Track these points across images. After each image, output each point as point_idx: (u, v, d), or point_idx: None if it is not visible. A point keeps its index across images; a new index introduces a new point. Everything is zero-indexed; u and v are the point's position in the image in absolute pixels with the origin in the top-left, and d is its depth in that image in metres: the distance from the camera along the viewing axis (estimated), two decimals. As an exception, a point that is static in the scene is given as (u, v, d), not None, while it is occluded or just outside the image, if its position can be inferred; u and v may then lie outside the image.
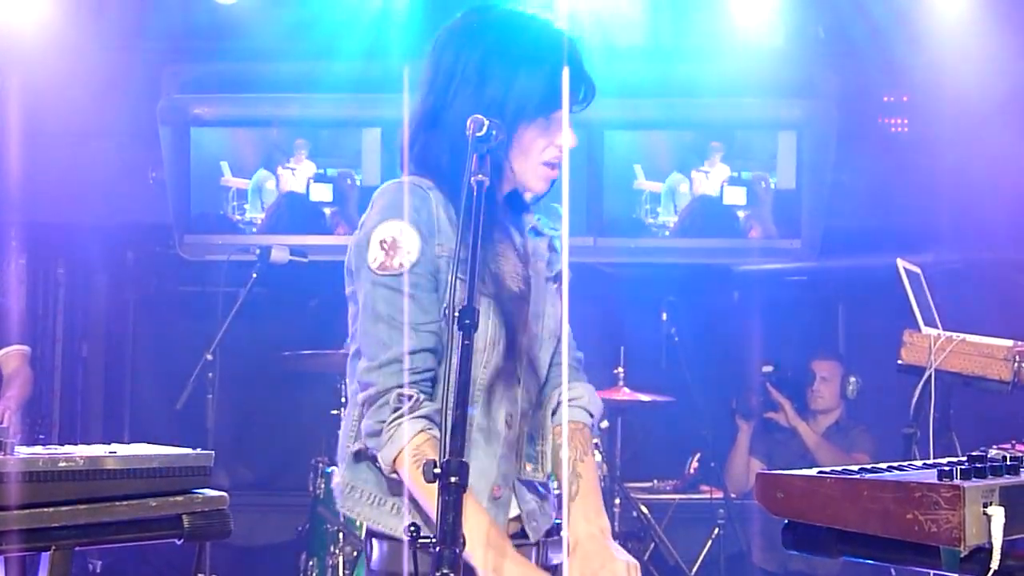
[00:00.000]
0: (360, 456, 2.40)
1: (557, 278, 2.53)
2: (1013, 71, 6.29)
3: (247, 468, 7.27)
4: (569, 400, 2.49)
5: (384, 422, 2.28)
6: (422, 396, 2.29)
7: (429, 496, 2.17)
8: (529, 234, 2.50)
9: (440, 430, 2.24)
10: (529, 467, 2.42)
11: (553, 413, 2.50)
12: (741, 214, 6.92)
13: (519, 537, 2.41)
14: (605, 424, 5.92)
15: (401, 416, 2.26)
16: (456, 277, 2.02)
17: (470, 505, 2.10)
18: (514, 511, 2.41)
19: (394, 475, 2.30)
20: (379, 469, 2.33)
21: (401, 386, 2.29)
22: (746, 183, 6.86)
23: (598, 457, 5.38)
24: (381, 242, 2.31)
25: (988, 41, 6.27)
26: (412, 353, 2.29)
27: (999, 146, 6.53)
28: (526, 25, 2.43)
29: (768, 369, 6.32)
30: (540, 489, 2.46)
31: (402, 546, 2.38)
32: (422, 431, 2.25)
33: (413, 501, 2.33)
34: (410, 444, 2.24)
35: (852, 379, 6.38)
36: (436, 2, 6.05)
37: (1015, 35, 6.26)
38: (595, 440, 2.63)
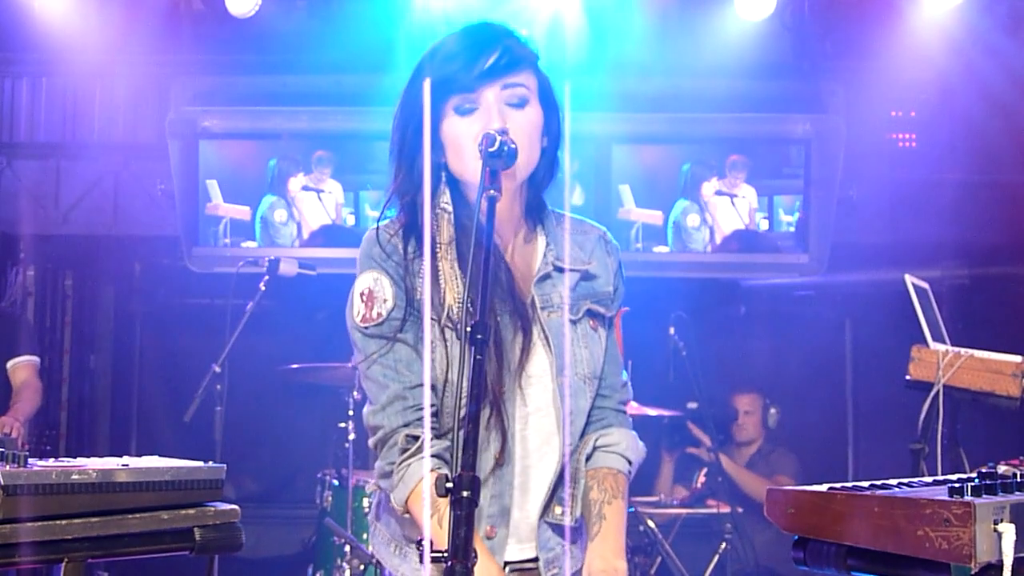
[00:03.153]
0: (383, 498, 2.45)
1: (592, 315, 2.46)
2: (1020, 86, 6.30)
3: (255, 480, 7.28)
4: (606, 446, 2.48)
5: (394, 464, 2.31)
6: (430, 436, 2.31)
7: (439, 536, 2.21)
8: (551, 276, 2.42)
9: (452, 447, 2.26)
10: (558, 510, 2.41)
11: (588, 459, 2.46)
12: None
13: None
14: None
15: (411, 457, 2.29)
16: (467, 293, 2.03)
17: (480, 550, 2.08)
18: (527, 554, 2.42)
19: (407, 515, 2.32)
20: (390, 510, 2.37)
21: (407, 425, 2.31)
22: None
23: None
24: (360, 295, 2.36)
25: (995, 56, 6.28)
26: (411, 388, 2.32)
27: (1006, 161, 6.54)
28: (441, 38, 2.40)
29: (692, 406, 6.44)
30: (569, 533, 2.43)
31: None
32: (432, 471, 2.26)
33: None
34: (420, 486, 2.26)
35: (772, 410, 6.76)
36: (451, 12, 6.07)
37: (1021, 52, 6.27)
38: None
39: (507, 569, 2.39)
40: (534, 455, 2.40)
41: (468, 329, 1.97)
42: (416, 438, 2.30)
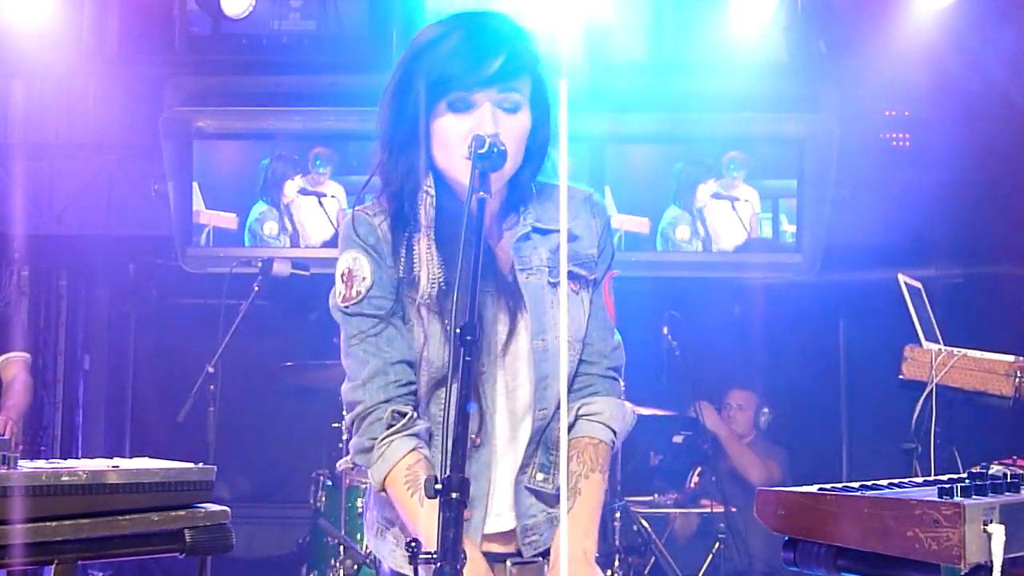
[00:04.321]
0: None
1: (574, 277, 2.43)
2: (1013, 86, 6.30)
3: (248, 480, 7.27)
4: (588, 415, 2.44)
5: (376, 439, 2.30)
6: (415, 414, 2.31)
7: (414, 517, 2.23)
8: (530, 237, 2.41)
9: (442, 447, 2.27)
10: (540, 476, 2.39)
11: (570, 428, 2.41)
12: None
13: (513, 556, 2.41)
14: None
15: (395, 433, 2.28)
16: (456, 294, 2.04)
17: (469, 549, 2.06)
18: (507, 524, 2.40)
19: (382, 493, 2.31)
20: (382, 500, 2.36)
21: (389, 401, 2.31)
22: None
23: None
24: (341, 275, 2.38)
25: (988, 56, 6.29)
26: (392, 364, 2.32)
27: (1000, 160, 6.54)
28: (442, 20, 2.38)
29: (679, 439, 6.51)
30: (552, 500, 2.40)
31: None
32: (414, 449, 2.27)
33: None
34: (402, 462, 2.26)
35: (765, 410, 6.84)
36: (444, 12, 6.06)
37: (1015, 50, 6.28)
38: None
39: (482, 541, 2.38)
40: (520, 428, 2.39)
41: (458, 330, 1.97)
42: (403, 414, 2.29)
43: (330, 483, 5.57)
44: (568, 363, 2.40)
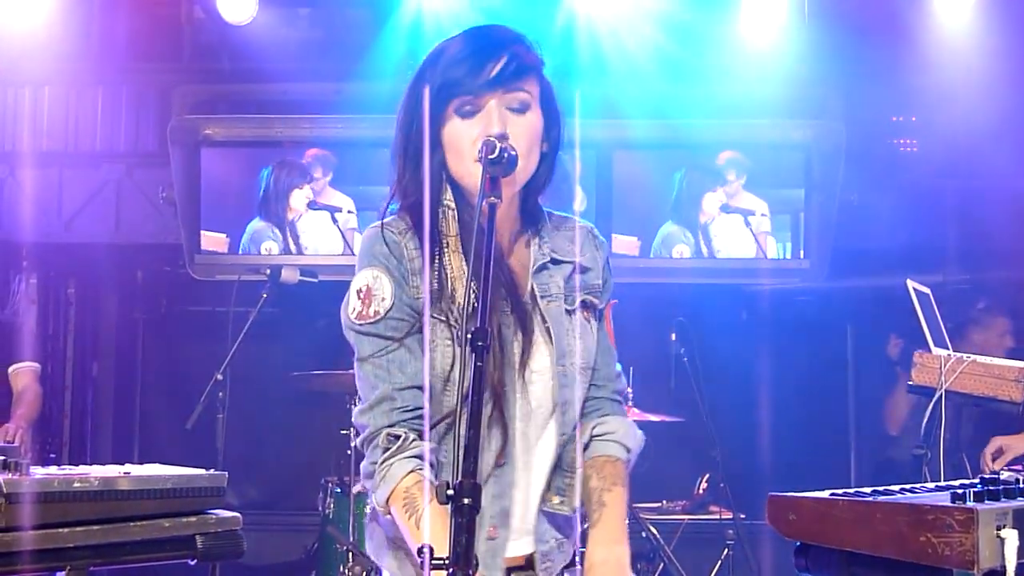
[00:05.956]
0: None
1: (586, 306, 2.47)
2: (1021, 90, 6.30)
3: (257, 487, 7.27)
4: (602, 435, 2.48)
5: (376, 463, 2.30)
6: (412, 435, 2.29)
7: (414, 540, 2.22)
8: (548, 267, 2.44)
9: (454, 450, 2.25)
10: (556, 499, 2.40)
11: (585, 448, 2.45)
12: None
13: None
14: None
15: (392, 456, 2.27)
16: (468, 299, 2.03)
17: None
18: (524, 549, 2.40)
19: (388, 516, 2.31)
20: (389, 521, 2.35)
21: (392, 426, 2.30)
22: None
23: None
24: (357, 292, 2.34)
25: (996, 61, 6.29)
26: (400, 390, 2.30)
27: (1008, 165, 6.53)
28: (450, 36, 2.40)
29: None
30: (564, 525, 2.42)
31: None
32: (412, 471, 2.25)
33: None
34: (401, 484, 2.25)
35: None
36: (450, 21, 6.09)
37: (1022, 55, 6.28)
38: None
39: (507, 568, 2.38)
40: (534, 451, 2.39)
41: (469, 335, 1.97)
42: (397, 437, 2.28)
43: (339, 490, 5.57)
44: (581, 388, 2.44)
